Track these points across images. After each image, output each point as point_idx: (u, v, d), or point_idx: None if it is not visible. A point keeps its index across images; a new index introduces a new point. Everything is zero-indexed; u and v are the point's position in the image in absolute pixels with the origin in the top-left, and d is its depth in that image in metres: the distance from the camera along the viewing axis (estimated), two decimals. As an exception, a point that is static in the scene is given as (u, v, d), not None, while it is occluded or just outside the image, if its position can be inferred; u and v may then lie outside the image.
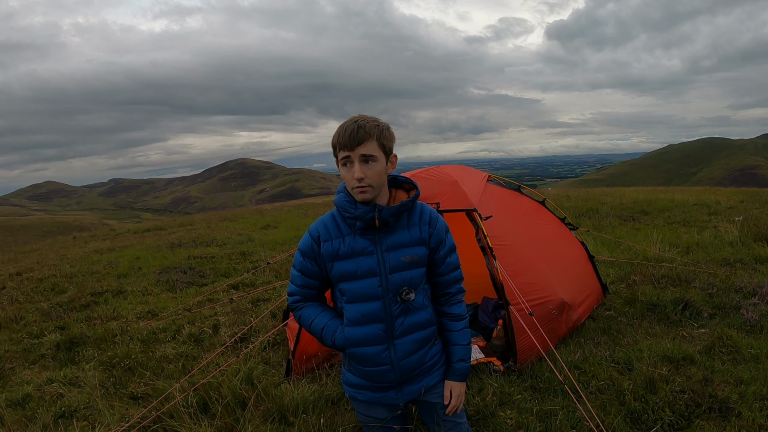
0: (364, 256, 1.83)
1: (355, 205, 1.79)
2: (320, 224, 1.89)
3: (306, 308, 1.96)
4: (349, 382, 2.00)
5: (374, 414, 2.02)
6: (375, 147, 1.73)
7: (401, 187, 1.97)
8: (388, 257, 1.84)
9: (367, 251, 1.83)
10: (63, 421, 2.88)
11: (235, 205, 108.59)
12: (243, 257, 7.92)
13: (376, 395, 1.97)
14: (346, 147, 1.72)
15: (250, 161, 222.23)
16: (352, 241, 1.84)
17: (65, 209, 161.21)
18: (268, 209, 18.93)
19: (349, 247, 1.83)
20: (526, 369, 3.07)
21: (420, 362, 1.94)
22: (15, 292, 6.45)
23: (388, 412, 2.03)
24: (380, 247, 1.84)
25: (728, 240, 6.15)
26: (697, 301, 3.97)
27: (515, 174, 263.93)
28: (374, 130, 1.72)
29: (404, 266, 1.86)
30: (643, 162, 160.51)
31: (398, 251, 1.86)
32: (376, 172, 1.74)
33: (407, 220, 1.90)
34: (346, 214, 1.82)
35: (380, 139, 1.74)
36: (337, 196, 1.87)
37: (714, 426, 2.43)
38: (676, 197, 11.74)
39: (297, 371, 3.17)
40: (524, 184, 4.65)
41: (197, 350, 3.88)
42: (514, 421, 2.55)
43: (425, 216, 1.93)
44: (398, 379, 1.93)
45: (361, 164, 1.73)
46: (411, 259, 1.87)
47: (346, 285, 1.85)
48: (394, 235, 1.87)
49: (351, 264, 1.84)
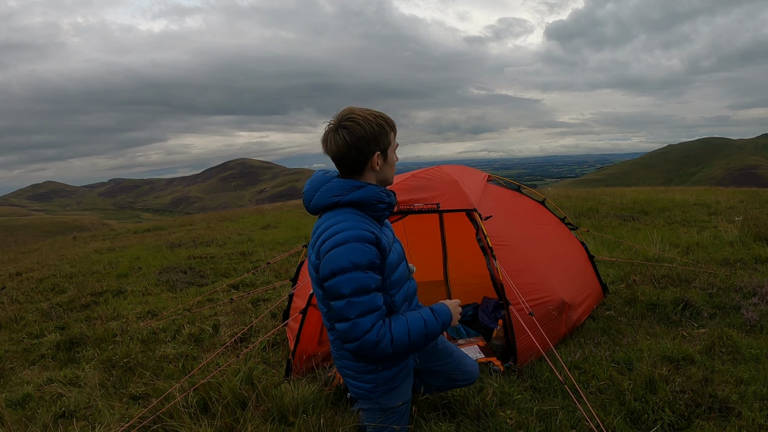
0: (396, 243, 1.91)
1: (387, 193, 1.81)
2: (362, 225, 1.74)
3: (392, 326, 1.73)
4: (385, 379, 1.96)
5: (406, 396, 2.09)
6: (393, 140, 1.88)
7: None
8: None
9: (394, 238, 1.93)
10: (63, 421, 2.88)
11: (235, 205, 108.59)
12: (243, 257, 7.92)
13: (406, 372, 2.04)
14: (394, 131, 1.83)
15: (250, 161, 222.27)
16: (381, 232, 1.82)
17: (65, 209, 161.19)
18: (268, 209, 18.93)
19: (386, 238, 1.84)
20: (526, 369, 3.07)
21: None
22: (15, 292, 6.45)
23: (410, 385, 2.13)
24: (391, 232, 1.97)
25: (728, 240, 6.15)
26: (697, 301, 3.96)
27: (515, 174, 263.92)
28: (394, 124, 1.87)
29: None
30: (643, 162, 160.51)
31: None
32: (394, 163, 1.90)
33: None
34: (380, 204, 1.79)
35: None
36: (361, 191, 1.75)
37: (714, 426, 2.43)
38: (676, 197, 11.74)
39: (297, 371, 3.17)
40: (524, 184, 4.65)
41: (197, 350, 3.87)
42: (514, 421, 2.55)
43: None
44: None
45: None
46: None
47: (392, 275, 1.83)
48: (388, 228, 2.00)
49: (393, 255, 1.84)
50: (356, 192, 1.75)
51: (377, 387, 1.98)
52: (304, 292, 3.45)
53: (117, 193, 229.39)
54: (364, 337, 1.66)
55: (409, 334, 1.71)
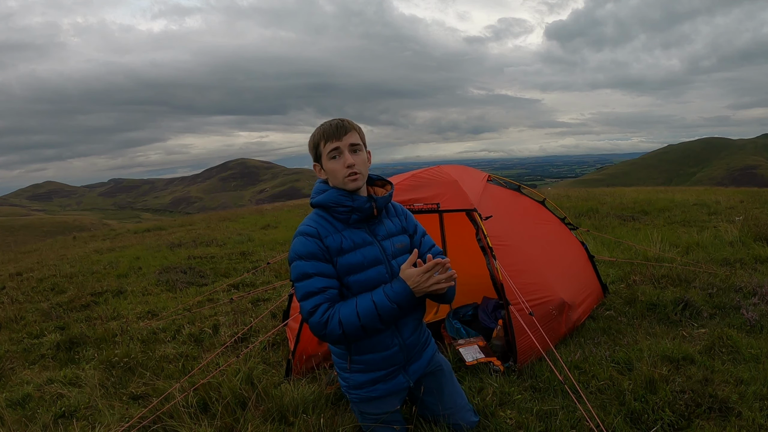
0: (366, 246, 1.91)
1: (351, 197, 1.88)
2: (312, 223, 1.91)
3: (340, 308, 1.82)
4: (357, 383, 2.01)
5: (387, 408, 2.06)
6: (358, 138, 1.88)
7: (375, 184, 2.09)
8: (387, 245, 1.97)
9: (367, 242, 1.92)
10: (63, 421, 2.88)
11: (235, 205, 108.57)
12: (243, 257, 7.92)
13: (388, 385, 2.03)
14: (334, 137, 1.84)
15: (250, 161, 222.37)
16: (350, 234, 1.90)
17: (65, 209, 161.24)
18: (268, 209, 18.93)
19: (350, 240, 1.90)
20: (526, 369, 3.06)
21: (419, 338, 2.08)
22: (15, 292, 6.45)
23: (399, 401, 2.10)
24: (376, 237, 1.96)
25: (728, 240, 6.15)
26: (697, 301, 3.96)
27: (515, 174, 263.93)
28: (355, 124, 1.88)
29: (399, 252, 2.00)
30: (643, 162, 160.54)
31: (391, 239, 2.00)
32: (363, 160, 1.88)
33: (387, 213, 2.06)
34: (340, 208, 1.88)
35: (360, 133, 1.90)
36: (322, 195, 1.92)
37: (714, 426, 2.43)
38: (676, 197, 11.74)
39: (297, 371, 3.17)
40: (524, 184, 4.65)
41: (197, 350, 3.87)
42: (514, 420, 2.55)
43: (398, 208, 2.12)
44: (405, 358, 2.03)
45: (351, 153, 1.85)
46: (402, 245, 2.02)
47: (353, 278, 1.89)
48: (382, 225, 1.99)
49: (356, 256, 1.88)
50: (319, 196, 1.94)
51: (350, 389, 2.06)
52: (304, 292, 3.45)
53: (117, 193, 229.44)
54: (309, 318, 1.82)
55: (358, 315, 1.78)
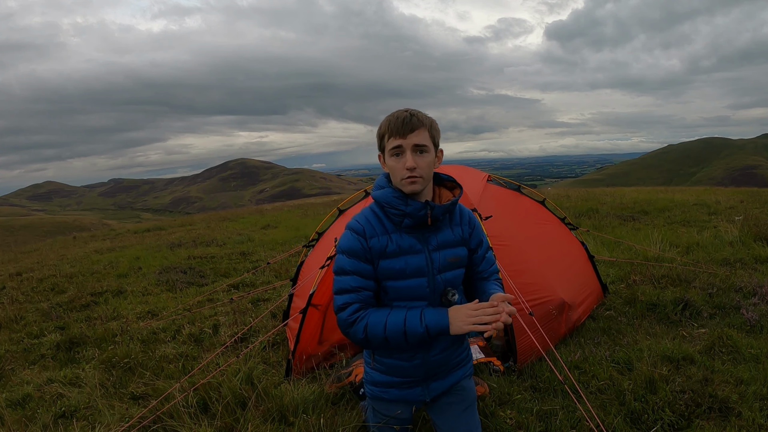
0: (412, 255, 1.78)
1: (406, 201, 1.73)
2: (362, 220, 1.80)
3: (371, 314, 1.75)
4: (375, 380, 1.97)
5: (394, 413, 2.00)
6: (427, 137, 1.70)
7: (443, 185, 1.92)
8: (436, 257, 1.80)
9: (415, 249, 1.78)
10: (63, 421, 2.87)
11: (235, 205, 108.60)
12: (243, 257, 7.92)
13: (402, 392, 1.95)
14: (398, 134, 1.68)
15: (250, 161, 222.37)
16: (398, 238, 1.78)
17: (65, 209, 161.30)
18: (268, 209, 18.94)
19: (397, 244, 1.77)
20: (526, 369, 3.07)
21: (446, 359, 1.92)
22: (15, 292, 6.45)
23: (409, 412, 2.03)
24: (427, 246, 1.80)
25: (728, 240, 6.15)
26: (697, 301, 3.97)
27: (515, 174, 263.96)
28: (426, 120, 1.71)
29: (450, 266, 1.83)
30: (643, 162, 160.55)
31: (445, 251, 1.82)
32: (427, 162, 1.70)
33: (450, 220, 1.86)
34: (393, 210, 1.75)
35: (431, 130, 1.72)
36: (380, 191, 1.79)
37: (714, 426, 2.43)
38: (676, 197, 11.74)
39: (297, 371, 3.17)
40: (524, 184, 4.65)
41: (197, 350, 3.87)
42: (514, 420, 2.55)
43: (465, 216, 1.90)
44: (425, 374, 1.92)
45: (413, 154, 1.68)
46: (455, 259, 1.84)
47: (392, 283, 1.79)
48: (440, 234, 1.82)
49: (399, 262, 1.77)
50: (377, 191, 1.81)
51: (367, 382, 2.02)
52: (304, 292, 3.45)
53: (117, 193, 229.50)
54: (338, 313, 1.76)
55: (385, 327, 1.71)
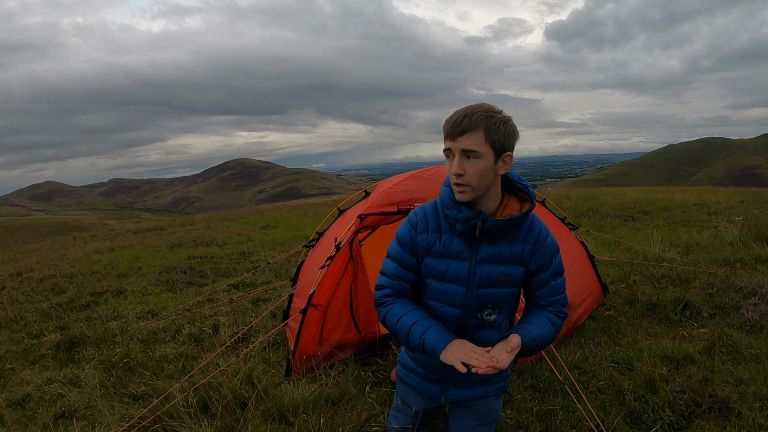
0: (457, 261, 1.66)
1: (459, 206, 1.60)
2: (420, 213, 1.73)
3: (396, 304, 1.72)
4: (404, 363, 1.96)
5: (411, 401, 1.97)
6: (480, 141, 1.49)
7: (515, 194, 1.70)
8: (480, 270, 1.64)
9: (461, 257, 1.65)
10: (63, 421, 2.88)
11: (235, 205, 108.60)
12: (243, 257, 7.92)
13: (423, 384, 1.91)
14: (448, 136, 1.54)
15: (250, 161, 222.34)
16: (448, 240, 1.67)
17: (65, 209, 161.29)
18: (268, 209, 18.94)
19: (444, 246, 1.67)
20: (526, 369, 3.07)
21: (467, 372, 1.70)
22: (15, 292, 6.45)
23: (425, 404, 1.96)
24: (475, 256, 1.64)
25: (728, 240, 6.15)
26: (697, 301, 3.97)
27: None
28: (482, 121, 1.48)
29: (494, 283, 1.66)
30: (643, 162, 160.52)
31: (493, 266, 1.64)
32: (477, 170, 1.51)
33: (513, 233, 1.65)
34: (448, 212, 1.64)
35: (489, 132, 1.49)
36: (443, 188, 1.68)
37: (714, 426, 2.43)
38: (676, 197, 11.74)
39: (297, 371, 3.17)
40: (524, 184, 4.64)
41: (197, 350, 3.87)
42: (514, 421, 2.55)
43: (533, 233, 1.66)
44: (442, 377, 1.85)
45: (462, 159, 1.52)
46: (504, 277, 1.65)
47: (431, 281, 1.72)
48: (494, 246, 1.64)
49: (442, 264, 1.68)
50: (443, 187, 1.70)
51: (399, 363, 2.01)
52: (304, 292, 3.45)
53: (117, 193, 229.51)
54: (375, 292, 1.79)
55: (398, 321, 1.69)
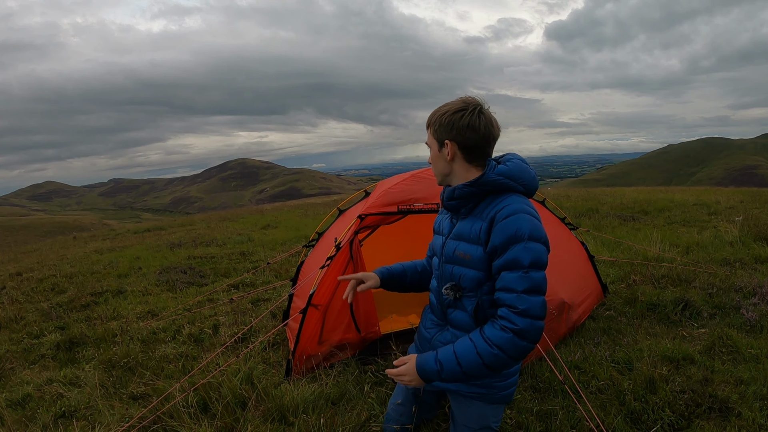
0: (439, 235, 1.86)
1: (445, 191, 1.81)
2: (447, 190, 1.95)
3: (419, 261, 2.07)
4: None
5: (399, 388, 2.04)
6: (429, 134, 1.71)
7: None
8: (450, 245, 1.71)
9: (443, 232, 1.82)
10: (63, 421, 2.88)
11: (235, 205, 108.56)
12: (243, 257, 7.92)
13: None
14: None
15: (250, 161, 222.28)
16: (443, 218, 1.87)
17: (65, 209, 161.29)
18: (268, 209, 18.94)
19: (438, 223, 1.89)
20: (526, 369, 3.07)
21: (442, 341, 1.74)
22: (15, 292, 6.45)
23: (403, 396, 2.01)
24: (451, 233, 1.74)
25: (728, 240, 6.15)
26: (697, 301, 3.97)
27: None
28: (430, 119, 1.70)
29: (457, 260, 1.66)
30: (643, 162, 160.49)
31: (458, 242, 1.67)
32: (431, 158, 1.74)
33: (481, 212, 1.61)
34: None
35: (432, 126, 1.68)
36: None
37: (714, 426, 2.43)
38: (676, 197, 11.74)
39: (297, 371, 3.17)
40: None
41: (197, 350, 3.87)
42: (514, 421, 2.55)
43: (490, 211, 1.56)
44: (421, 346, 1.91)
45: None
46: (464, 255, 1.62)
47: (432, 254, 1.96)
48: (463, 223, 1.68)
49: (434, 239, 1.90)
50: None
51: None
52: (304, 292, 3.45)
53: (117, 193, 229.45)
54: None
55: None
